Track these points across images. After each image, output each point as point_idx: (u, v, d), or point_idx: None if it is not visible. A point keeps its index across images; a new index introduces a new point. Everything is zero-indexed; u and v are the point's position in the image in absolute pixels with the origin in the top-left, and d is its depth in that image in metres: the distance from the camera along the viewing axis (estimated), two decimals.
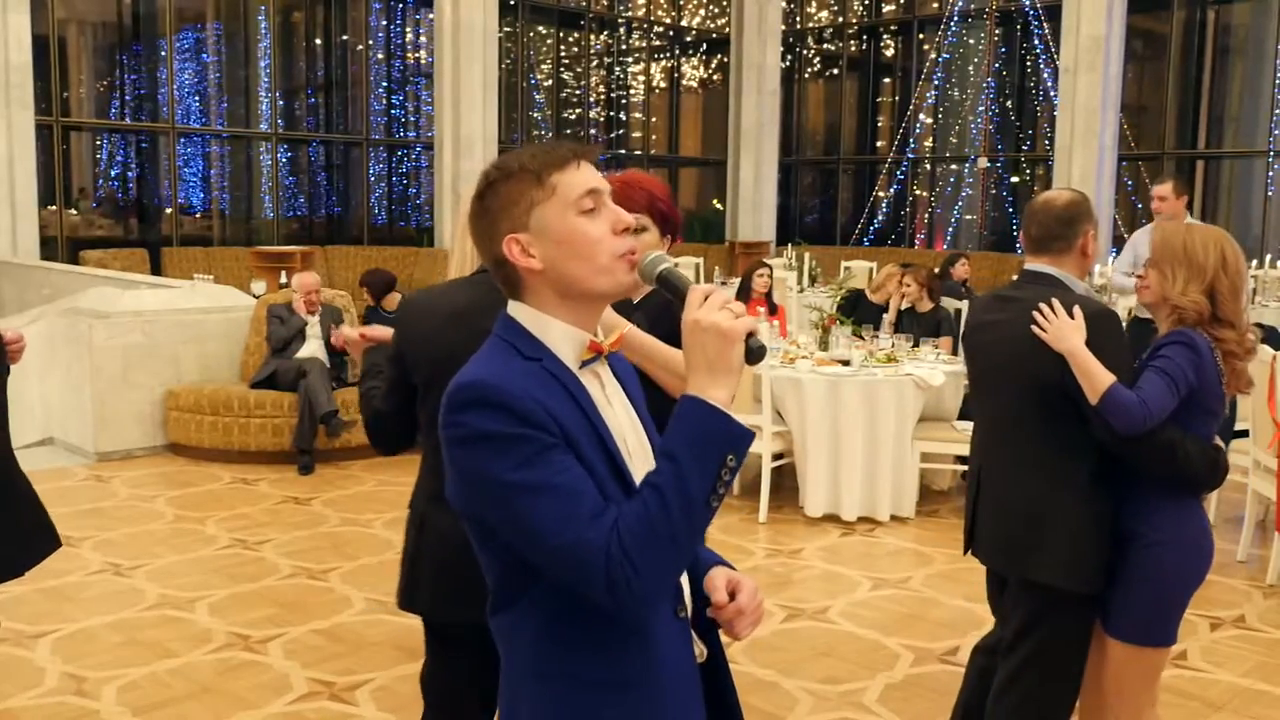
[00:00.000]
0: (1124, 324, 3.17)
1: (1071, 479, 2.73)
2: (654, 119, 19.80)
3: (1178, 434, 2.63)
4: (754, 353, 1.45)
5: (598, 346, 1.58)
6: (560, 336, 1.56)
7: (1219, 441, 2.76)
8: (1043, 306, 2.69)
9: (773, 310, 8.15)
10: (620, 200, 2.54)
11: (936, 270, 9.47)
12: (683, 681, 1.59)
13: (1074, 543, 2.71)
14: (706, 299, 1.45)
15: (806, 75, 20.27)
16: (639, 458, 1.58)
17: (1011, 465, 2.85)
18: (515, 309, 1.58)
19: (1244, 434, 5.52)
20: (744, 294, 8.16)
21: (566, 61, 18.94)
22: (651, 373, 2.42)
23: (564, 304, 1.56)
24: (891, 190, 18.42)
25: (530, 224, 1.53)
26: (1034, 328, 2.69)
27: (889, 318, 7.76)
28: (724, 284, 8.13)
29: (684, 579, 1.64)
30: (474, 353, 1.56)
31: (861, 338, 6.77)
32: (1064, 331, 2.64)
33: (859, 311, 7.60)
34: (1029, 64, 16.89)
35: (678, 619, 1.60)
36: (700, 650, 1.66)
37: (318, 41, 16.32)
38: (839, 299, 7.68)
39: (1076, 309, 2.67)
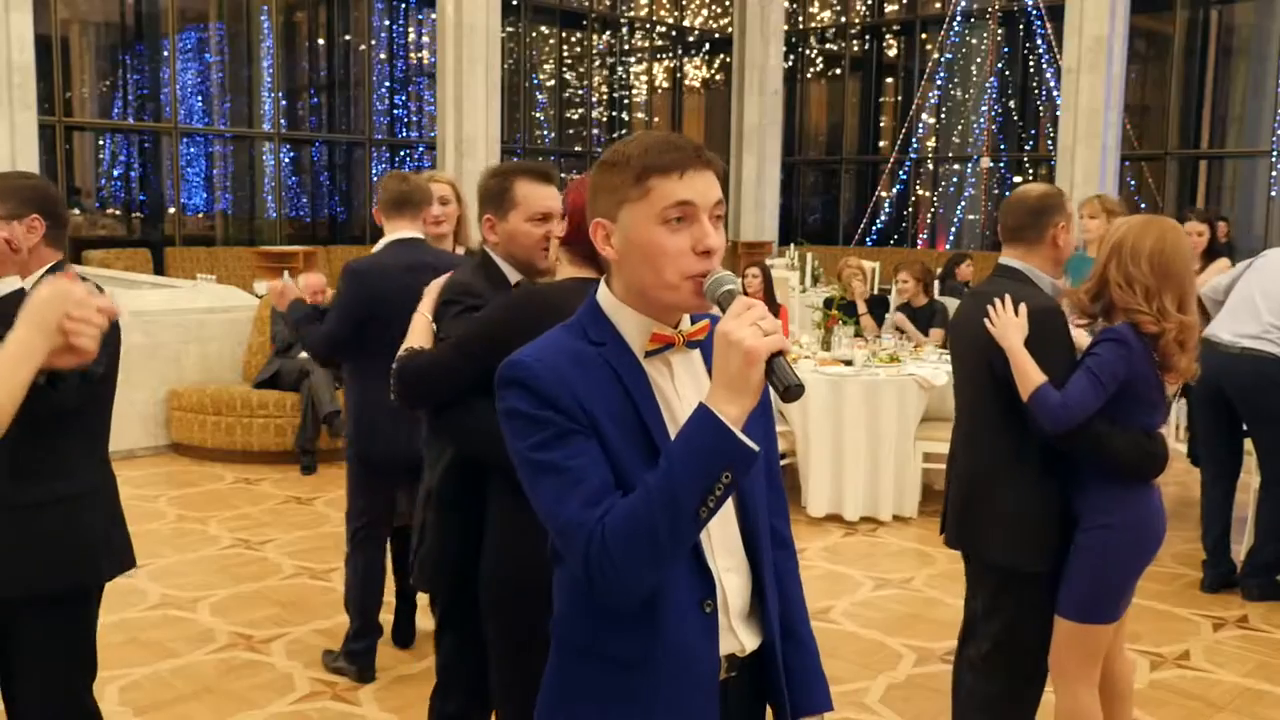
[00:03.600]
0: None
1: (1020, 463, 2.86)
2: (656, 119, 19.81)
3: (1105, 427, 2.73)
4: (790, 391, 1.42)
5: (664, 338, 1.60)
6: (630, 324, 1.60)
7: (1163, 431, 2.87)
8: (996, 301, 2.82)
9: (774, 310, 8.15)
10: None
11: (940, 271, 9.49)
12: (691, 674, 1.60)
13: (1020, 523, 2.85)
14: (745, 312, 1.44)
15: (809, 75, 20.27)
16: None
17: (969, 449, 3.01)
18: (600, 291, 1.65)
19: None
20: None
21: (569, 61, 18.95)
22: None
23: (637, 297, 1.60)
24: (894, 190, 18.42)
25: (618, 217, 1.57)
26: (985, 321, 2.83)
27: (860, 309, 7.89)
28: None
29: (730, 574, 1.64)
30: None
31: (863, 337, 6.77)
32: (1006, 328, 2.78)
33: (842, 310, 7.60)
34: (1031, 64, 16.89)
35: (703, 613, 1.60)
36: (745, 644, 1.67)
37: (320, 41, 16.34)
38: (837, 301, 7.67)
39: (1022, 306, 2.79)
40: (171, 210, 14.58)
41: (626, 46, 19.36)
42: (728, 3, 19.18)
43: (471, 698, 2.82)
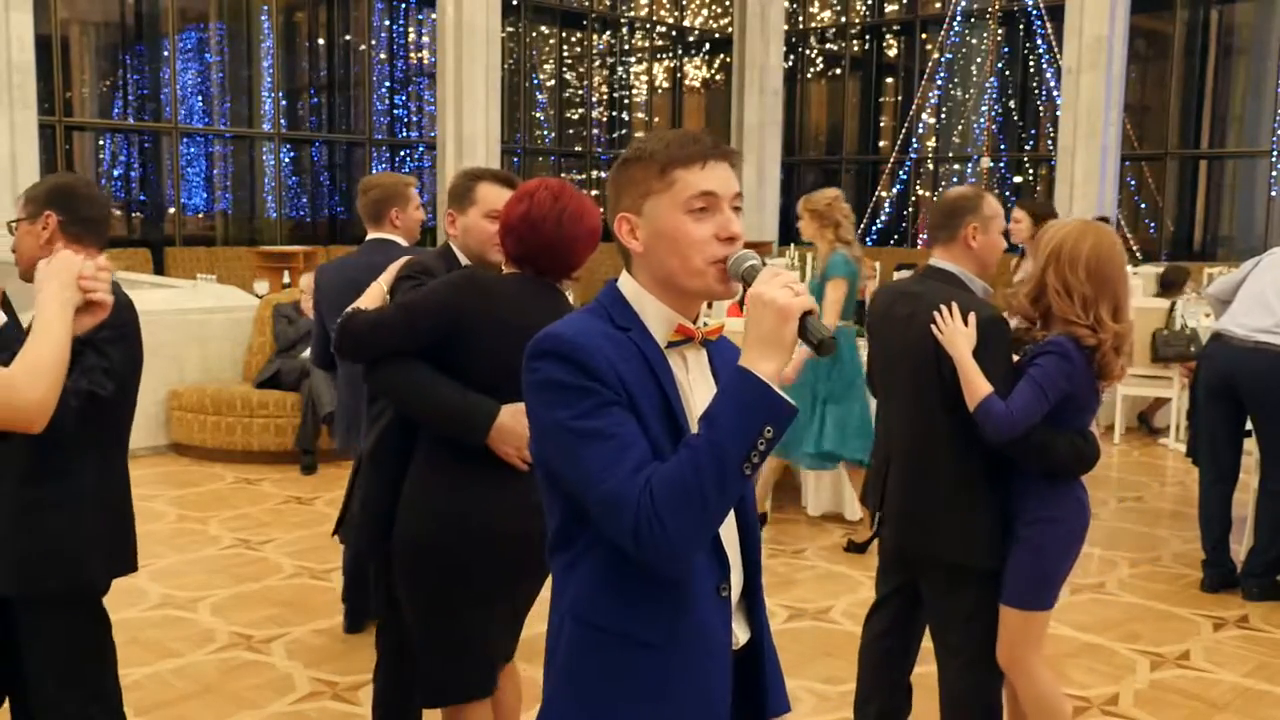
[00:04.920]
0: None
1: (966, 463, 2.92)
2: (656, 119, 19.81)
3: (1048, 436, 2.83)
4: (824, 344, 1.50)
5: (686, 331, 1.66)
6: (654, 314, 1.66)
7: (1093, 429, 2.99)
8: (942, 308, 2.87)
9: None
10: None
11: None
12: (710, 656, 1.65)
13: (970, 521, 2.92)
14: (775, 277, 1.52)
15: (809, 75, 20.27)
16: None
17: (914, 451, 3.05)
18: (623, 280, 1.69)
19: (1250, 433, 5.51)
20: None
21: (569, 61, 18.95)
22: None
23: (661, 289, 1.65)
24: (894, 190, 18.41)
25: (643, 209, 1.63)
26: (933, 327, 2.87)
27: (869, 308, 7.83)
28: None
29: (736, 560, 1.70)
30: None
31: (864, 336, 6.75)
32: (955, 337, 2.83)
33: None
34: (1032, 64, 16.88)
35: (719, 596, 1.65)
36: (739, 636, 1.71)
37: (320, 41, 16.34)
38: None
39: (971, 315, 2.85)
40: (171, 210, 14.58)
41: (626, 46, 19.36)
42: (728, 3, 19.18)
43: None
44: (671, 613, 1.61)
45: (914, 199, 18.49)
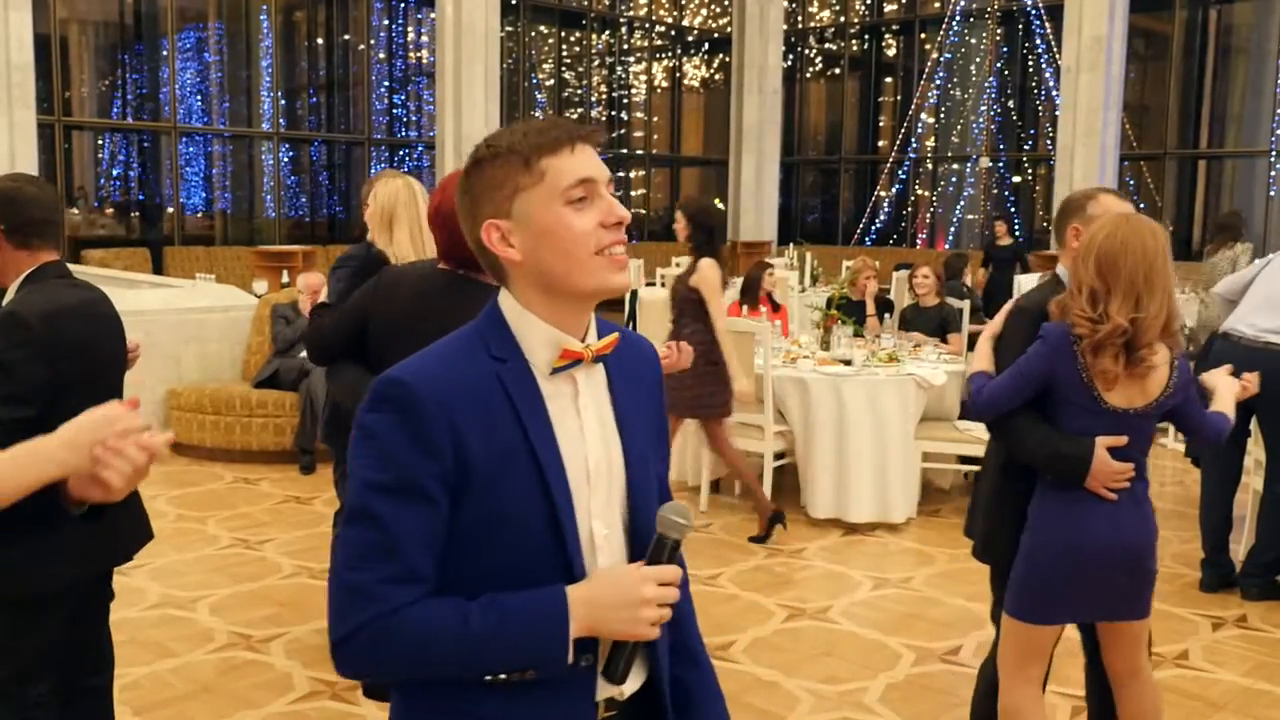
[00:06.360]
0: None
1: (994, 460, 2.99)
2: (655, 118, 19.81)
3: (1024, 422, 2.76)
4: (608, 673, 1.43)
5: (573, 354, 1.45)
6: (536, 337, 1.45)
7: (1109, 439, 2.70)
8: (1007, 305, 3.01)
9: (775, 309, 8.14)
10: None
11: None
12: None
13: (988, 518, 2.99)
14: (668, 588, 1.40)
15: (808, 75, 20.28)
16: (601, 477, 1.48)
17: (986, 451, 3.16)
18: (503, 298, 1.49)
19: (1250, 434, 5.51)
20: (750, 294, 8.12)
21: (568, 61, 18.96)
22: None
23: (546, 299, 1.45)
24: (893, 190, 18.42)
25: (513, 211, 1.43)
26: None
27: (868, 309, 7.90)
28: (725, 284, 7.82)
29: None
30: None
31: (862, 336, 6.77)
32: (988, 327, 2.96)
33: (843, 310, 7.58)
34: (1031, 63, 16.89)
35: (578, 668, 1.43)
36: (619, 690, 1.49)
37: (319, 41, 16.34)
38: (836, 301, 7.66)
39: (1011, 305, 2.97)
40: (170, 210, 14.58)
41: (626, 46, 19.36)
42: (727, 2, 19.18)
43: None
44: (508, 690, 1.42)
45: (913, 199, 18.50)
